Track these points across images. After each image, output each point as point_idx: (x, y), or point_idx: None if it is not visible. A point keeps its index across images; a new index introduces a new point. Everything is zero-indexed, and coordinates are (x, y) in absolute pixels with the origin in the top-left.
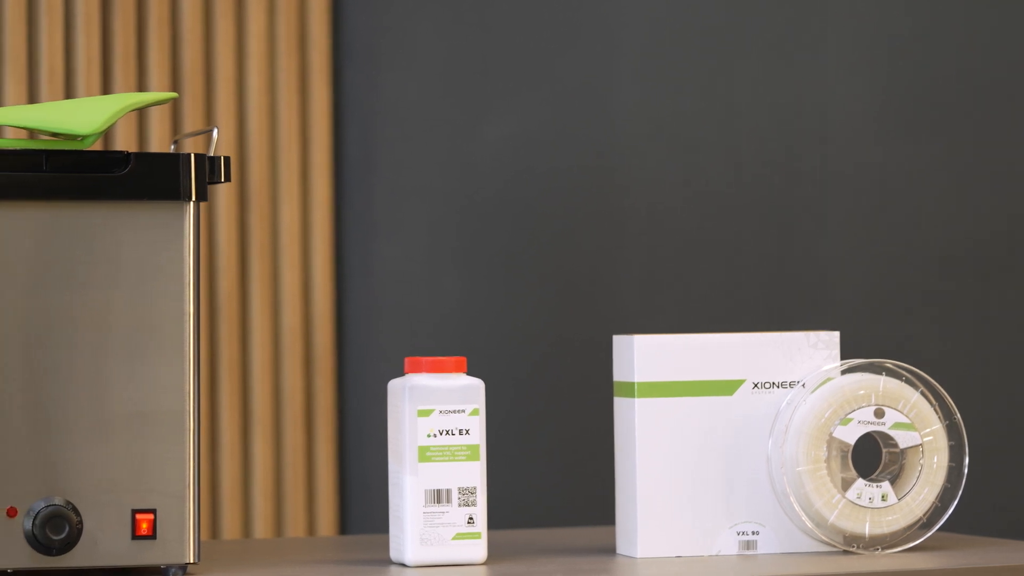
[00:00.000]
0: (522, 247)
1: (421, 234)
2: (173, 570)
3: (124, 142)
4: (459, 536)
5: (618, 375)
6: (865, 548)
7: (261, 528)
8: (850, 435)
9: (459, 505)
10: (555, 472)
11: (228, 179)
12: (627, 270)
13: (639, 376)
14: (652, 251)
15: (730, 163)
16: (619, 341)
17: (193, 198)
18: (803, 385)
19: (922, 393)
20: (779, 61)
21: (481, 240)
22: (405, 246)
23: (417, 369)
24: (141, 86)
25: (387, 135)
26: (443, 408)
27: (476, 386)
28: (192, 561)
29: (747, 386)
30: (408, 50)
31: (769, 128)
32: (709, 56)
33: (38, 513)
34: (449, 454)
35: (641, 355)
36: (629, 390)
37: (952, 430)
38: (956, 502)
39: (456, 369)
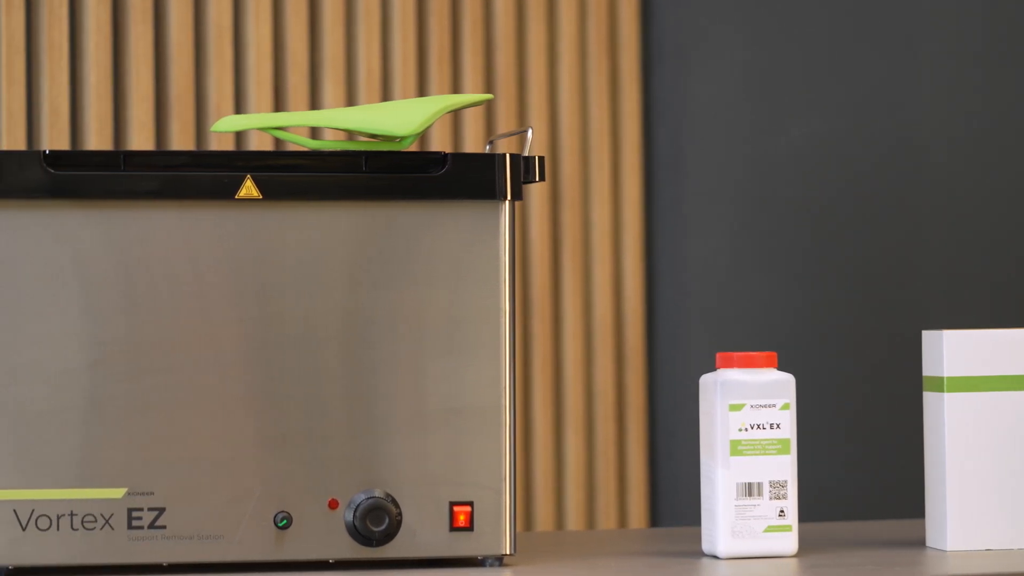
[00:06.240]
0: (827, 244)
1: (729, 231)
2: (490, 561)
3: (440, 143)
4: (770, 529)
5: (927, 370)
6: None
7: (573, 520)
8: None
9: (770, 498)
10: (864, 465)
11: (542, 178)
12: (931, 265)
13: (948, 371)
14: (956, 247)
15: None
16: (928, 336)
17: (508, 197)
18: None
19: None
20: None
21: (786, 237)
22: (713, 243)
23: (728, 364)
24: (455, 88)
25: (695, 135)
26: (754, 402)
27: (786, 380)
28: (508, 552)
29: None
30: (715, 51)
31: None
32: (1008, 55)
33: (359, 505)
34: (760, 448)
35: (951, 350)
36: (938, 384)
37: None
38: None
39: (767, 364)
